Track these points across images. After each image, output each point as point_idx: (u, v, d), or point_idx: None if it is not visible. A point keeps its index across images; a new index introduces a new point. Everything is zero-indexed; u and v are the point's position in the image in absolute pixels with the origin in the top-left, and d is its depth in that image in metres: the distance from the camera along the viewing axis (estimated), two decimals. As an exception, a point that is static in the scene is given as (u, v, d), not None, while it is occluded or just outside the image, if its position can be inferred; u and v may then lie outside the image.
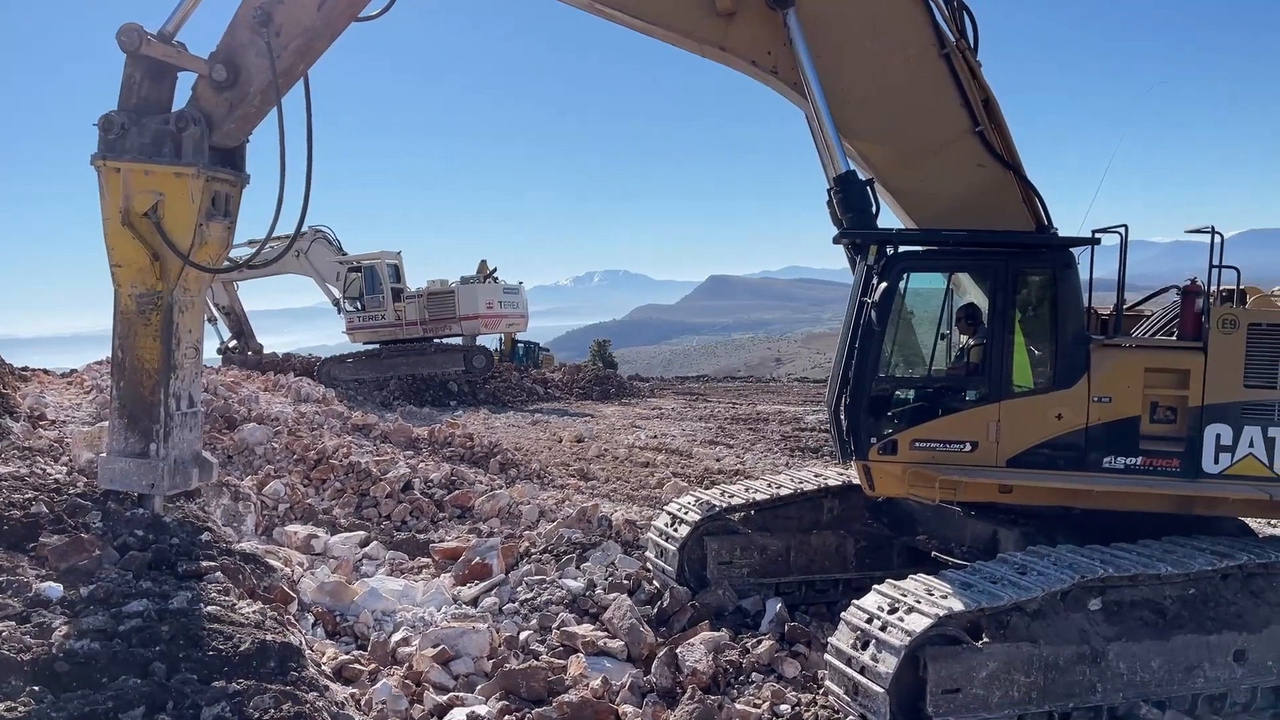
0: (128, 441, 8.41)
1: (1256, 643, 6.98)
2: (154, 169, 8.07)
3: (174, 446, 8.44)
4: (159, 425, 8.34)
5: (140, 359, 8.35)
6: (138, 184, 8.09)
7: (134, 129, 8.07)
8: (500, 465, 16.84)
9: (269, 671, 6.16)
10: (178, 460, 8.47)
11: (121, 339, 8.39)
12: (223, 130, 8.29)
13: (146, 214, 8.08)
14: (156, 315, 8.28)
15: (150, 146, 8.09)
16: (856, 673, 6.48)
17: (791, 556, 9.63)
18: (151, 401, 8.34)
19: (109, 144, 8.09)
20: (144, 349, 8.33)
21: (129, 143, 8.07)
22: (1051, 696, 6.53)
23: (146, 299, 8.28)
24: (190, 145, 8.08)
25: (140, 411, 8.38)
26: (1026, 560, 7.08)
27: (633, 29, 8.73)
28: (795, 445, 21.21)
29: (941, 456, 7.97)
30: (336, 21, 8.17)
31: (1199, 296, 7.94)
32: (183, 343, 8.46)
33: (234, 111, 8.24)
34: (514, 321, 35.04)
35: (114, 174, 8.11)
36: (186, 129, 8.05)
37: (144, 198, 8.08)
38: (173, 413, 8.40)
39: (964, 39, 8.24)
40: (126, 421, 8.41)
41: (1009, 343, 8.00)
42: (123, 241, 8.18)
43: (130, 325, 8.35)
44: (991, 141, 8.25)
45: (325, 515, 12.55)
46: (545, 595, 9.34)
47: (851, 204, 8.06)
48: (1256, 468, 7.71)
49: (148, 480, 8.37)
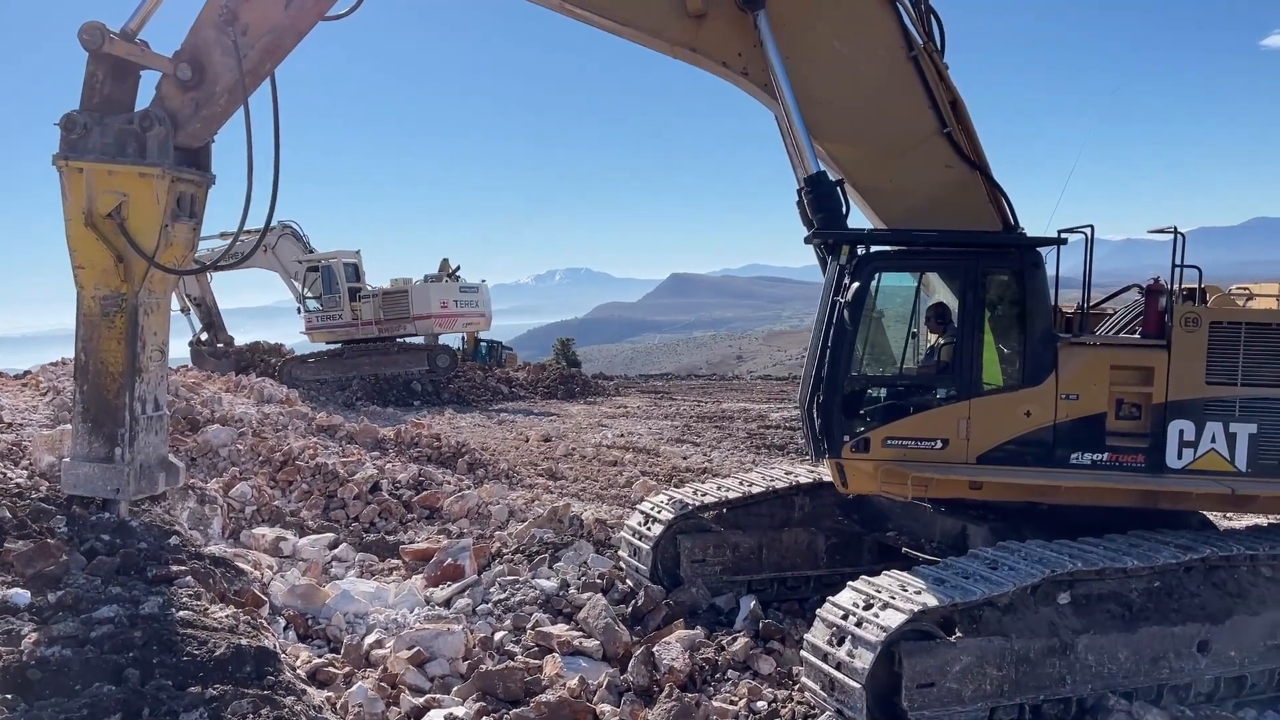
0: (91, 446, 8.26)
1: (1219, 634, 7.14)
2: (118, 169, 7.95)
3: (139, 451, 8.32)
4: (124, 429, 8.20)
5: (104, 362, 8.21)
6: (101, 184, 7.95)
7: (97, 129, 7.94)
8: (468, 465, 16.79)
9: (245, 676, 6.10)
10: (143, 465, 8.35)
11: (85, 342, 8.25)
12: (188, 130, 8.19)
13: (110, 215, 7.95)
14: (121, 318, 8.15)
15: (114, 146, 7.97)
16: (833, 668, 6.54)
17: (763, 554, 9.69)
18: (116, 405, 8.21)
19: (71, 144, 7.96)
20: (108, 352, 8.19)
21: (92, 142, 7.94)
22: (1023, 689, 6.64)
23: (110, 301, 8.15)
24: (155, 145, 7.96)
25: (104, 415, 8.24)
26: (997, 555, 7.19)
27: (603, 29, 8.74)
28: (761, 443, 21.35)
29: (913, 454, 8.07)
30: (304, 20, 8.09)
31: (1162, 295, 8.10)
32: (148, 345, 8.34)
33: (200, 111, 8.14)
34: (473, 321, 34.68)
35: (76, 174, 7.97)
36: (151, 129, 7.93)
37: (107, 198, 7.95)
38: (138, 416, 8.27)
39: (931, 42, 8.36)
40: (90, 426, 8.26)
41: (978, 341, 8.11)
42: (86, 243, 8.05)
43: (94, 328, 8.21)
44: (959, 143, 8.36)
45: (293, 517, 12.44)
46: (519, 595, 9.32)
47: (822, 204, 8.13)
48: (1219, 463, 7.89)
49: (112, 485, 8.24)
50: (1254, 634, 7.23)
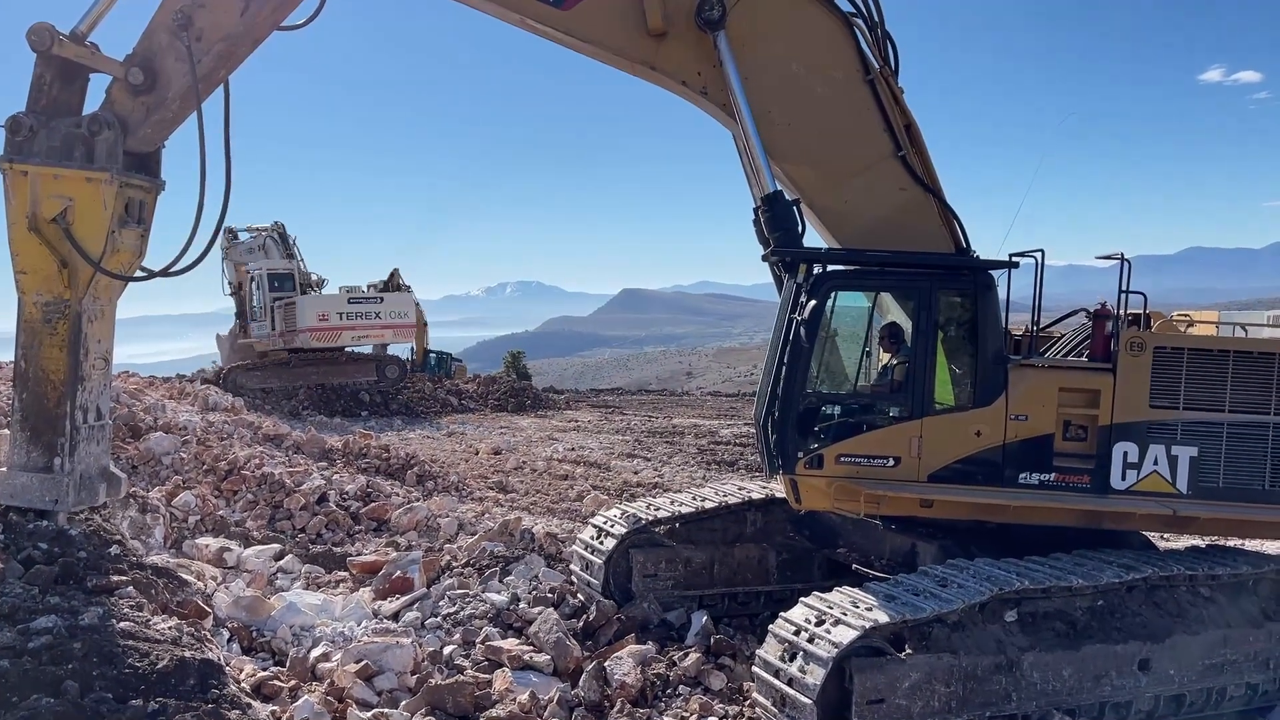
0: (30, 455, 8.07)
1: (1159, 652, 7.29)
2: (64, 173, 7.81)
3: (80, 461, 8.14)
4: (64, 439, 8.03)
5: (45, 370, 8.04)
6: (46, 188, 7.81)
7: (43, 131, 7.81)
8: (417, 477, 16.63)
9: (189, 689, 5.99)
10: (83, 475, 8.17)
11: (25, 349, 8.08)
12: (138, 135, 8.09)
13: (55, 220, 7.80)
14: (63, 325, 8.00)
15: (60, 150, 7.84)
16: (784, 684, 6.56)
17: (715, 569, 9.71)
18: (56, 414, 8.03)
19: (16, 146, 7.82)
20: (49, 359, 8.03)
21: (38, 145, 7.81)
22: (970, 706, 6.72)
23: (53, 308, 7.99)
24: (103, 150, 7.83)
25: (44, 424, 8.05)
26: (946, 573, 7.28)
27: (562, 45, 8.79)
28: (712, 459, 21.43)
29: (866, 471, 8.15)
30: (259, 28, 8.07)
31: (1109, 320, 8.29)
32: (91, 353, 8.18)
33: (151, 116, 8.05)
34: (367, 334, 32.65)
35: (20, 177, 7.82)
36: (100, 133, 7.81)
37: (52, 203, 7.81)
38: (79, 425, 8.10)
39: (888, 65, 8.51)
40: (29, 435, 8.08)
41: (931, 361, 8.23)
42: (29, 247, 7.90)
43: (35, 335, 8.04)
44: (913, 165, 8.51)
45: (238, 528, 12.20)
46: (468, 609, 9.23)
47: (778, 223, 8.22)
48: (1161, 484, 8.06)
49: (51, 496, 8.04)
50: (1193, 653, 7.41)
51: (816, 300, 8.06)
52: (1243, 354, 8.04)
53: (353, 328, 32.13)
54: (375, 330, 32.81)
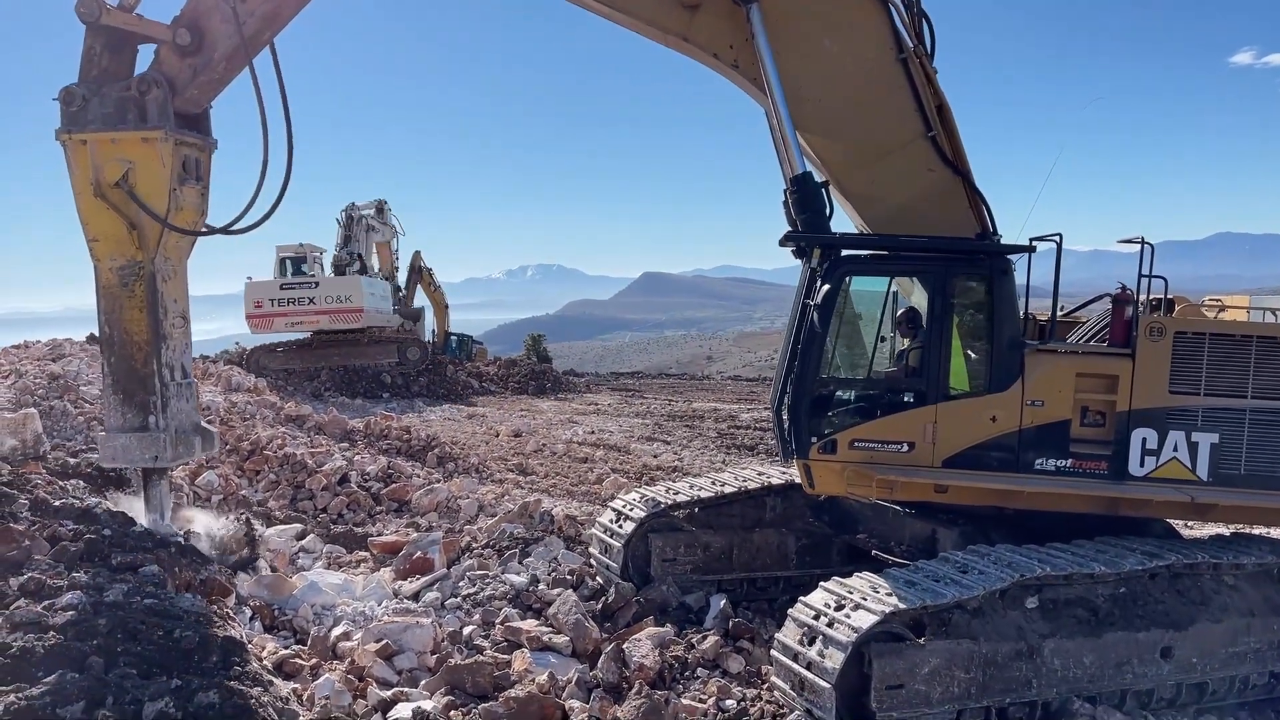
0: (125, 417, 8.31)
1: (1182, 640, 7.22)
2: (120, 136, 7.96)
3: (173, 417, 8.37)
4: (155, 396, 8.25)
5: (128, 332, 8.24)
6: (105, 153, 7.97)
7: (95, 99, 7.94)
8: (438, 459, 16.70)
9: (211, 666, 6.03)
10: (178, 430, 8.41)
11: (107, 314, 8.29)
12: (186, 95, 8.18)
13: (118, 183, 7.96)
14: (140, 286, 8.18)
15: (114, 115, 7.97)
16: (803, 668, 6.55)
17: (734, 554, 9.70)
18: (145, 374, 8.24)
19: (71, 117, 7.97)
20: (131, 321, 8.23)
21: (91, 113, 7.95)
22: (990, 692, 6.69)
23: (128, 270, 8.18)
24: (155, 109, 7.95)
25: (135, 385, 8.28)
26: (967, 559, 7.24)
27: (597, 14, 8.73)
28: (731, 443, 21.41)
29: (879, 456, 8.10)
30: None
31: (1129, 304, 8.18)
32: (170, 312, 8.36)
33: (198, 77, 8.13)
34: (302, 319, 31.35)
35: (80, 147, 7.99)
36: (149, 92, 7.92)
37: (113, 167, 7.96)
38: (167, 383, 8.31)
39: (922, 45, 8.40)
40: (122, 397, 8.30)
41: (947, 347, 8.15)
42: (97, 214, 8.07)
43: (114, 299, 8.23)
44: (943, 147, 8.42)
45: (260, 507, 12.30)
46: (488, 590, 9.28)
47: (806, 205, 8.16)
48: (1180, 471, 7.96)
49: (150, 453, 8.30)
50: (1216, 641, 7.33)
51: (831, 285, 8.01)
52: (1266, 339, 7.91)
53: (285, 314, 31.12)
54: (310, 317, 31.39)
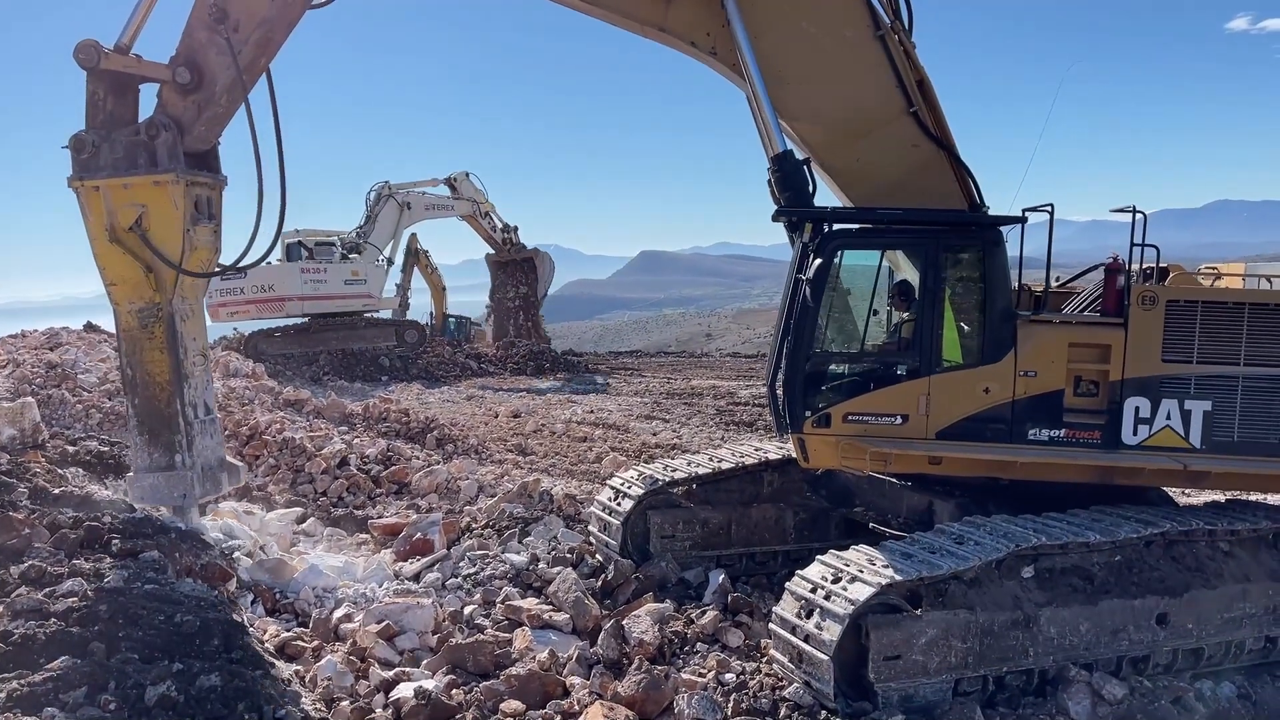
0: (152, 457, 8.53)
1: (1177, 607, 7.27)
2: (132, 181, 8.13)
3: (198, 454, 8.61)
4: (180, 436, 8.48)
5: (150, 373, 8.44)
6: (118, 199, 8.14)
7: (105, 145, 8.12)
8: (437, 441, 16.72)
9: (213, 650, 6.09)
10: (204, 467, 8.64)
11: (129, 357, 8.50)
12: (194, 134, 8.33)
13: (132, 228, 8.13)
14: (159, 327, 8.38)
15: (125, 161, 8.14)
16: (801, 641, 6.61)
17: (732, 529, 9.75)
18: (169, 413, 8.46)
19: (83, 164, 8.16)
20: (152, 362, 8.43)
21: (103, 159, 8.13)
22: (987, 661, 6.74)
23: (147, 313, 8.37)
24: (165, 152, 8.12)
25: (159, 425, 8.50)
26: (963, 530, 7.28)
27: (574, 9, 8.74)
28: (730, 420, 21.43)
29: (873, 429, 8.13)
30: (291, 10, 8.24)
31: (1120, 274, 8.18)
32: (190, 350, 8.57)
33: (203, 113, 8.28)
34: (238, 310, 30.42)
35: (93, 193, 8.16)
36: (158, 136, 8.09)
37: (127, 212, 8.14)
38: (191, 421, 8.54)
39: (899, 21, 8.37)
40: (147, 438, 8.52)
41: (939, 319, 8.16)
42: (114, 259, 8.24)
43: (135, 341, 8.44)
44: (925, 122, 8.40)
45: (260, 492, 12.33)
46: (488, 570, 9.33)
47: (788, 183, 8.16)
48: (1173, 439, 7.98)
49: (179, 491, 8.53)
50: (1211, 607, 7.37)
51: (823, 259, 8.02)
52: (1259, 306, 7.89)
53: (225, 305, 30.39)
54: (241, 306, 30.66)
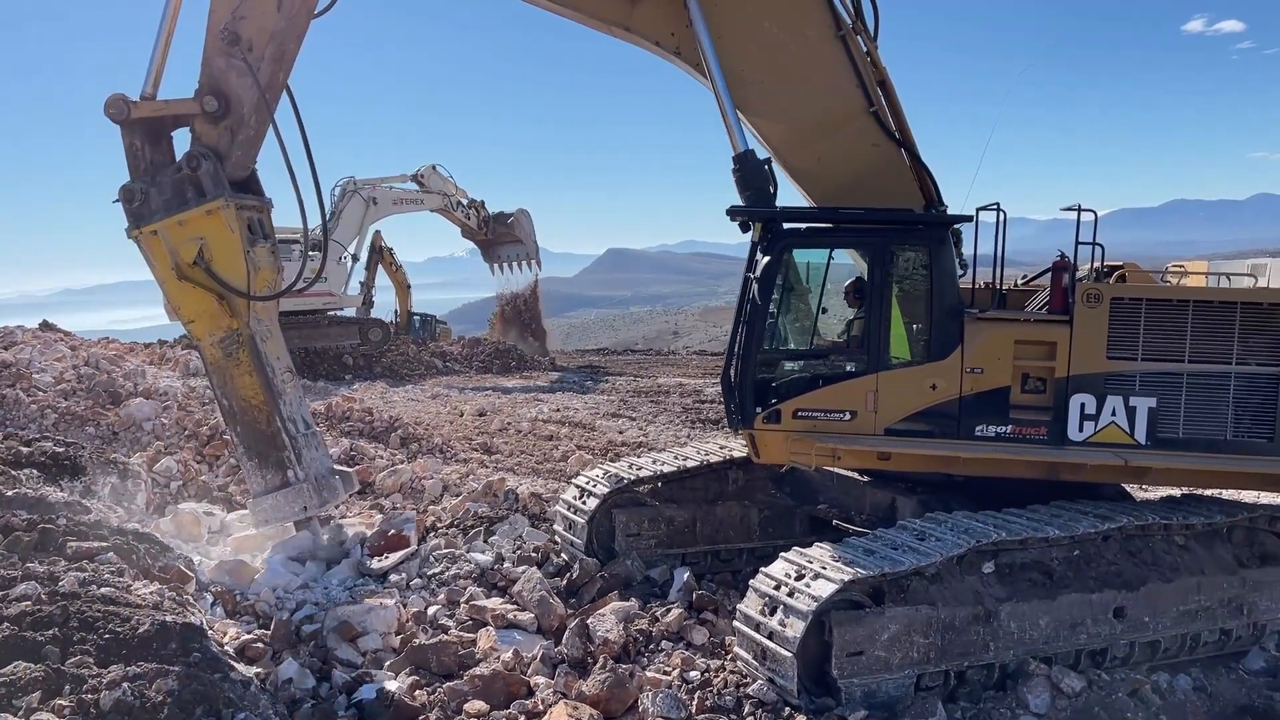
0: (266, 479, 8.77)
1: (1134, 600, 7.38)
2: (186, 217, 8.39)
3: (308, 466, 8.81)
4: (288, 451, 8.70)
5: (245, 399, 8.67)
6: (177, 237, 8.40)
7: (153, 190, 8.39)
8: (401, 440, 16.58)
9: (170, 653, 5.98)
10: (318, 477, 8.85)
11: (222, 388, 8.73)
12: (232, 160, 8.54)
13: (195, 261, 8.36)
14: (243, 352, 8.60)
15: (174, 200, 8.40)
16: (765, 638, 6.64)
17: (697, 527, 9.77)
18: (271, 432, 8.68)
19: (136, 214, 8.43)
20: (245, 387, 8.66)
21: (154, 204, 8.40)
22: (948, 656, 6.80)
23: (229, 341, 8.61)
24: (209, 181, 8.35)
25: (266, 446, 8.72)
26: (925, 527, 7.34)
27: (541, 6, 8.74)
28: (696, 417, 21.46)
29: (822, 425, 8.19)
30: (298, 20, 8.43)
31: (1066, 272, 8.28)
32: (276, 370, 8.78)
33: (236, 137, 8.49)
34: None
35: (153, 238, 8.42)
36: (200, 166, 8.32)
37: (188, 247, 8.40)
38: (294, 436, 8.74)
39: (860, 20, 8.43)
40: (257, 461, 8.76)
41: (886, 316, 8.23)
42: (187, 296, 8.51)
43: (224, 372, 8.66)
44: (885, 122, 8.47)
45: (220, 492, 12.17)
46: (453, 569, 9.28)
47: (749, 182, 8.21)
48: (1119, 435, 8.05)
49: (299, 505, 8.78)
50: (1167, 600, 7.49)
51: (772, 258, 8.07)
52: (1203, 304, 7.96)
53: None
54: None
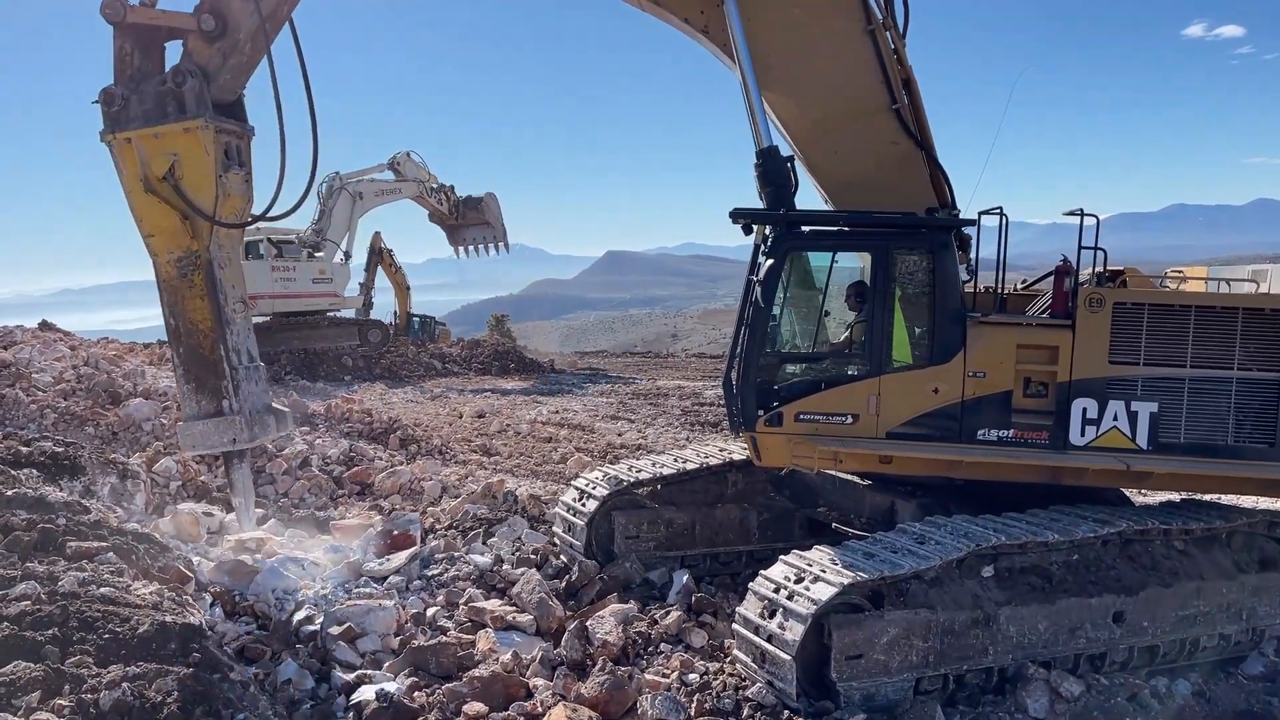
0: (200, 404, 8.60)
1: (1133, 604, 7.38)
2: (163, 130, 8.21)
3: (245, 399, 8.64)
4: (226, 381, 8.53)
5: (193, 321, 8.51)
6: (150, 149, 8.24)
7: (134, 97, 8.22)
8: (400, 441, 16.59)
9: (170, 653, 5.98)
10: (252, 411, 8.68)
11: (170, 307, 8.55)
12: (219, 83, 8.37)
13: (165, 177, 8.21)
14: (198, 275, 8.44)
15: (154, 111, 8.22)
16: (764, 641, 6.64)
17: (697, 529, 9.78)
18: (213, 359, 8.52)
19: (113, 118, 8.25)
20: (194, 310, 8.49)
21: (133, 111, 8.23)
22: (947, 660, 6.81)
23: (186, 261, 8.43)
24: (192, 98, 8.19)
25: (205, 372, 8.55)
26: (924, 530, 7.34)
27: None
28: (695, 420, 21.47)
29: (824, 428, 8.20)
30: None
31: (1068, 276, 8.28)
32: (229, 298, 8.59)
33: (227, 61, 8.34)
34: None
35: (126, 145, 8.26)
36: (185, 83, 8.16)
37: (160, 161, 8.23)
38: (236, 366, 8.57)
39: (891, 18, 8.43)
40: (194, 385, 8.59)
41: (889, 320, 8.24)
42: (150, 210, 8.32)
43: (176, 291, 8.49)
44: (906, 120, 8.47)
45: (220, 493, 12.16)
46: (452, 571, 9.28)
47: (771, 178, 8.22)
48: (1120, 440, 8.06)
49: (228, 436, 8.60)
50: (1166, 605, 7.49)
51: (774, 260, 8.07)
52: (1205, 309, 7.99)
53: None
54: None
